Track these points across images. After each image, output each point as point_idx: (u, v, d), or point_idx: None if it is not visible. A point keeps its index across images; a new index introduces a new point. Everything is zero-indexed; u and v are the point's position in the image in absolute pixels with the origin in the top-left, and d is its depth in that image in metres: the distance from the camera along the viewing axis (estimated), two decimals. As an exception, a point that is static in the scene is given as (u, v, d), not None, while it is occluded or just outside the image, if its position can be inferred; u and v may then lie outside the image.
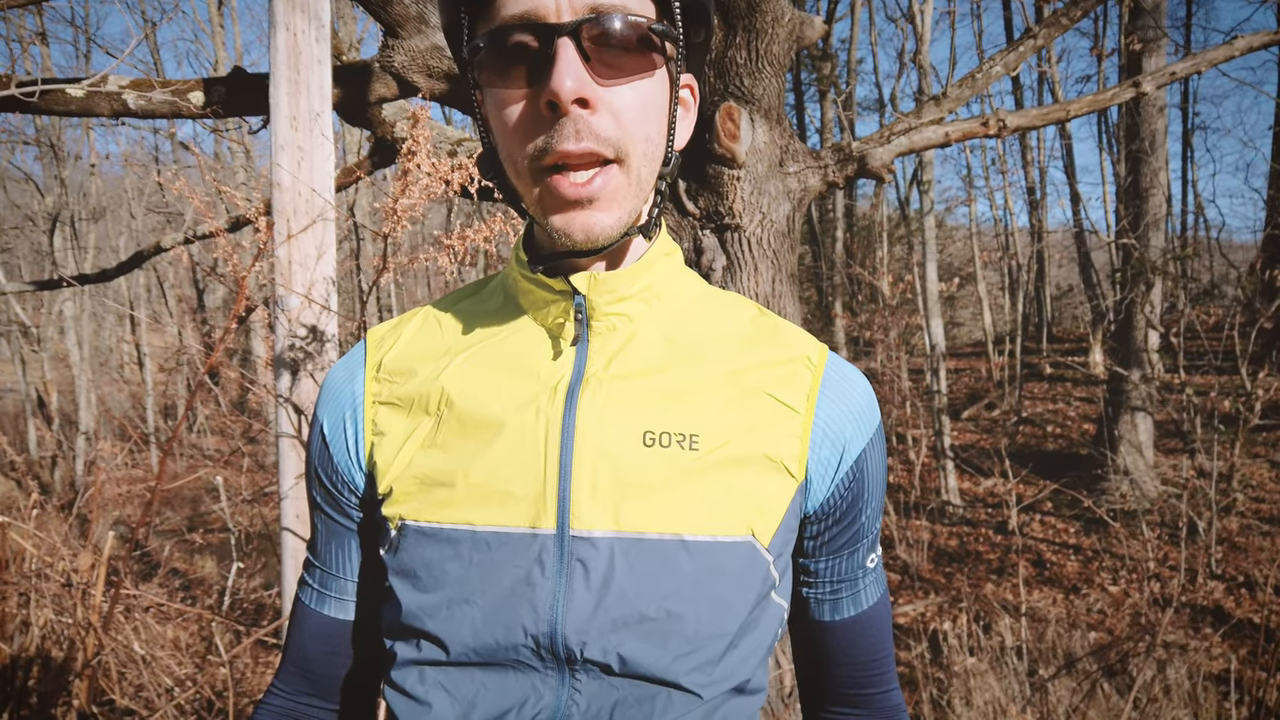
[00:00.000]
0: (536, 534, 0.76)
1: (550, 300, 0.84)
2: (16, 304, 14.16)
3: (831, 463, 0.84)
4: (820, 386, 0.85)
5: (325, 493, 0.91)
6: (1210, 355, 8.59)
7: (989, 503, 10.19)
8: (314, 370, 2.39)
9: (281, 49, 2.53)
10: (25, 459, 13.57)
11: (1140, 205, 9.33)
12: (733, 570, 0.78)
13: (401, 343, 0.90)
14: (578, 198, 0.73)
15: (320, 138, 2.56)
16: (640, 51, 0.74)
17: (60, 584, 3.03)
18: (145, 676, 3.11)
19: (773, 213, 3.15)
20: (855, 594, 0.92)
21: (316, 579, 0.94)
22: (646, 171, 0.78)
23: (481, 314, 0.90)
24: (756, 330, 0.88)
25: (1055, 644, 5.57)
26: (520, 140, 0.75)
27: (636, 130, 0.75)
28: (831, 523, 0.87)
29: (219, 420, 11.78)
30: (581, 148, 0.71)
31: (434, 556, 0.79)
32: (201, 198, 2.63)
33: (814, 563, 0.90)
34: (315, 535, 0.94)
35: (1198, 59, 3.17)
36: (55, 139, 13.51)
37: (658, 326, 0.85)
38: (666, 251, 0.88)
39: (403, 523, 0.81)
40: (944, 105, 3.36)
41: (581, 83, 0.70)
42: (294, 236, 2.45)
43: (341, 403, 0.89)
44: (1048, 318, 19.20)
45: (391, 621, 0.83)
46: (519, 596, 0.76)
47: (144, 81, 2.91)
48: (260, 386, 7.42)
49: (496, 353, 0.85)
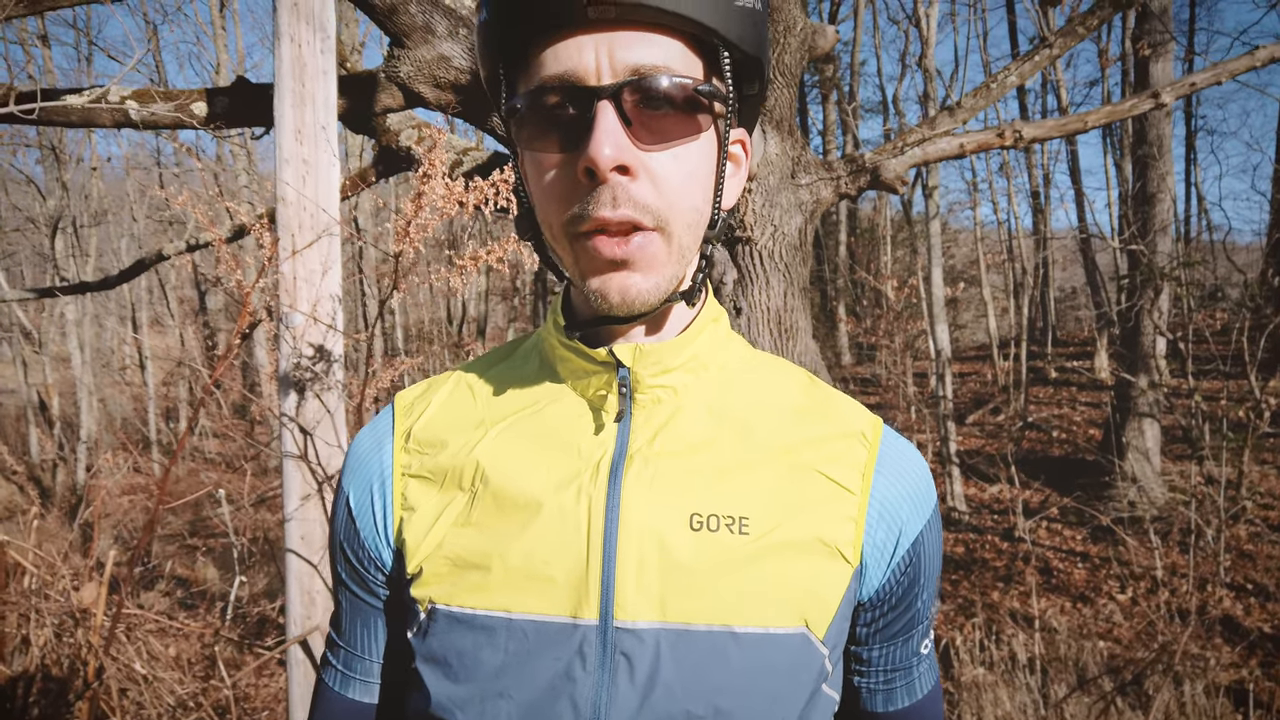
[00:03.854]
0: (578, 624, 0.71)
1: (591, 371, 0.79)
2: (18, 307, 14.12)
3: (888, 547, 0.79)
4: (876, 465, 0.79)
5: (351, 569, 0.86)
6: (1218, 361, 8.53)
7: (995, 509, 10.14)
8: (320, 391, 2.34)
9: (286, 60, 2.48)
10: (26, 463, 13.53)
11: (1148, 210, 9.28)
12: (785, 664, 0.73)
13: (431, 410, 0.85)
14: (613, 257, 0.69)
15: (326, 151, 2.51)
16: (686, 113, 0.69)
17: (61, 603, 2.99)
18: (146, 696, 3.06)
19: (784, 225, 3.11)
20: (910, 683, 0.88)
21: (340, 659, 0.89)
22: (689, 239, 0.73)
23: (516, 381, 0.85)
24: (808, 402, 0.83)
25: (1066, 656, 5.51)
26: (558, 206, 0.70)
27: (679, 200, 0.70)
28: (887, 609, 0.82)
29: (221, 424, 11.74)
30: (619, 215, 0.67)
31: (466, 645, 0.74)
32: (204, 211, 2.58)
33: (867, 650, 0.85)
34: (339, 612, 0.89)
35: (1218, 69, 3.12)
36: (57, 142, 13.49)
37: (704, 399, 0.80)
38: (713, 318, 0.83)
39: (433, 606, 0.76)
40: (958, 116, 3.31)
41: (621, 150, 0.66)
42: (299, 252, 2.40)
43: (369, 474, 0.84)
44: (1052, 321, 19.16)
45: (418, 711, 0.77)
46: (558, 692, 0.71)
47: (146, 92, 2.86)
48: (263, 402, 7.37)
49: (533, 425, 0.80)
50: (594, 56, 0.67)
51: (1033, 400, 14.49)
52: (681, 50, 0.69)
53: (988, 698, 4.48)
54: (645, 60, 0.67)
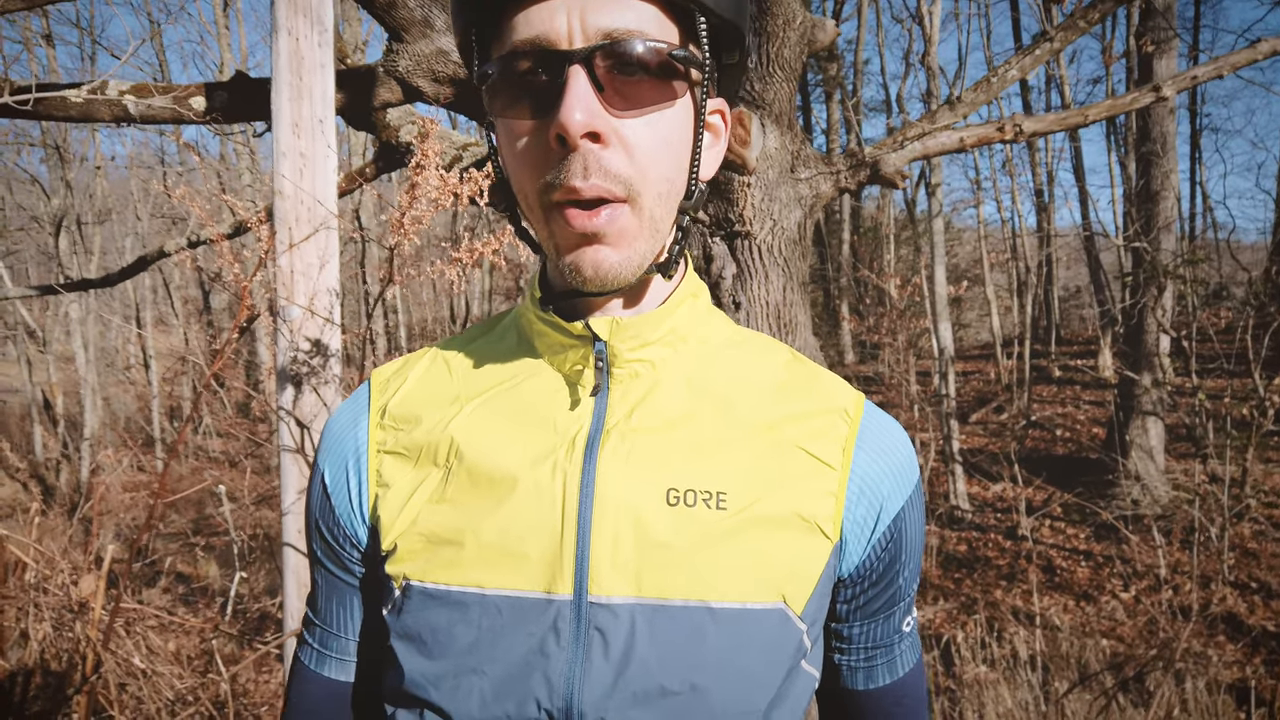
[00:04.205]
0: (552, 599, 0.71)
1: (568, 345, 0.78)
2: (22, 306, 14.16)
3: (868, 522, 0.78)
4: (857, 440, 0.79)
5: (326, 546, 0.85)
6: (1222, 359, 8.50)
7: (998, 507, 10.12)
8: (317, 385, 2.34)
9: (283, 53, 2.48)
10: (30, 462, 13.57)
11: (1151, 208, 9.26)
12: (763, 640, 0.72)
13: (408, 386, 0.84)
14: (584, 230, 0.68)
15: (323, 144, 2.51)
16: (660, 79, 0.68)
17: (60, 597, 2.99)
18: (145, 691, 3.06)
19: (784, 219, 3.10)
20: (891, 660, 0.87)
21: (316, 638, 0.88)
22: (661, 210, 0.72)
23: (493, 356, 0.83)
24: (790, 378, 0.82)
25: (1068, 653, 5.50)
26: (530, 173, 0.69)
27: (651, 169, 0.69)
28: (867, 585, 0.82)
29: (224, 423, 11.76)
30: (590, 184, 0.66)
31: (440, 621, 0.73)
32: (203, 206, 2.57)
33: (847, 628, 0.85)
34: (315, 591, 0.89)
35: (1220, 62, 3.10)
36: (61, 141, 13.51)
37: (683, 373, 0.79)
38: (693, 292, 0.82)
39: (407, 583, 0.75)
40: (958, 110, 3.30)
41: (592, 115, 0.65)
42: (296, 246, 2.40)
43: (344, 451, 0.84)
44: (1056, 320, 19.11)
45: (394, 688, 0.77)
46: (532, 667, 0.70)
47: (144, 87, 2.86)
48: (263, 396, 7.37)
49: (509, 400, 0.79)
50: (565, 20, 0.65)
51: (1036, 399, 14.46)
52: (656, 15, 0.68)
53: (989, 695, 4.47)
54: (618, 24, 0.66)
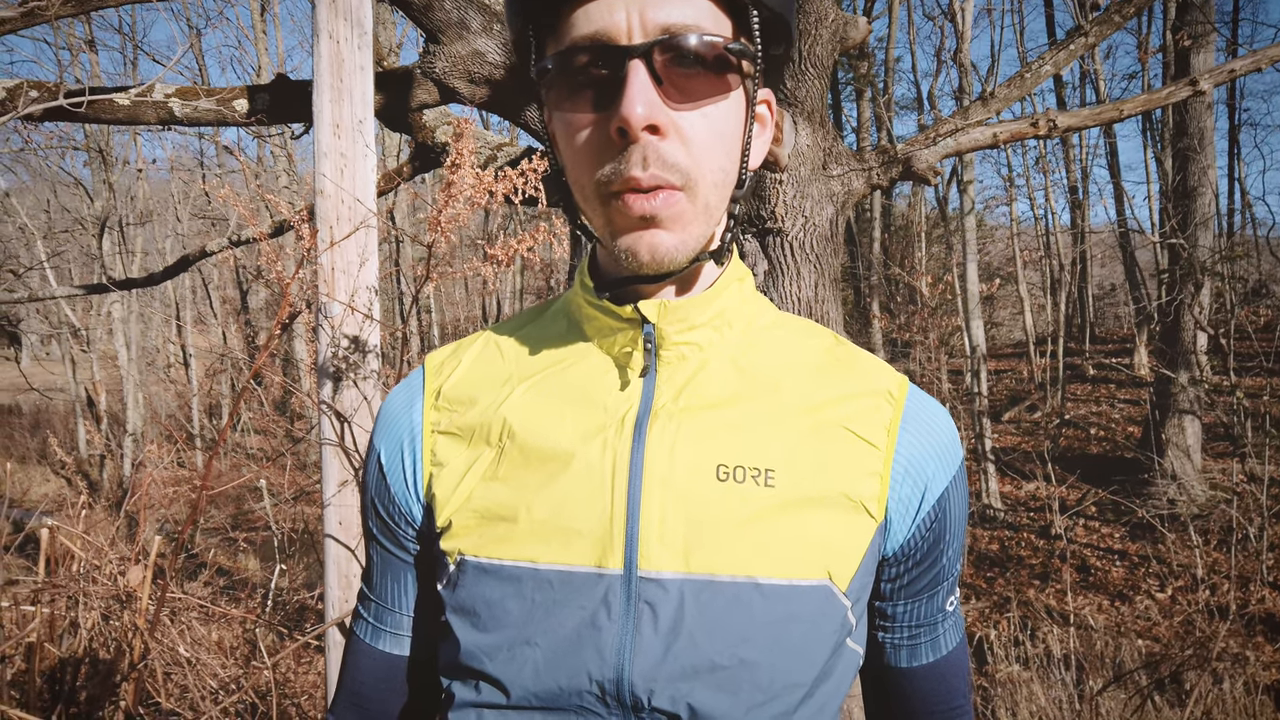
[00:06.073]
0: (602, 574, 0.73)
1: (617, 328, 0.80)
2: (66, 306, 14.48)
3: (913, 502, 0.80)
4: (901, 421, 0.81)
5: (381, 524, 0.88)
6: (1261, 357, 8.36)
7: (1031, 506, 10.03)
8: (357, 379, 2.40)
9: (325, 56, 2.54)
10: (75, 458, 13.87)
11: (1188, 204, 9.13)
12: (808, 616, 0.74)
13: (461, 369, 0.87)
14: (643, 213, 0.70)
15: (363, 145, 2.57)
16: (715, 73, 0.70)
17: (108, 587, 3.08)
18: (190, 679, 3.14)
19: (815, 216, 3.11)
20: (934, 639, 0.89)
21: (371, 613, 0.91)
22: (715, 199, 0.74)
23: (544, 340, 0.86)
24: (833, 360, 0.84)
25: (1103, 653, 5.45)
26: (589, 166, 0.72)
27: (707, 159, 0.71)
28: (911, 565, 0.84)
29: (262, 421, 11.95)
30: (649, 175, 0.68)
31: (494, 595, 0.76)
32: (245, 204, 2.64)
33: (891, 606, 0.87)
34: (370, 567, 0.91)
35: (1258, 56, 3.07)
36: (103, 144, 13.81)
37: (729, 355, 0.82)
38: (739, 276, 0.84)
39: (461, 558, 0.78)
40: (991, 106, 3.29)
41: (653, 108, 0.67)
42: (337, 243, 2.46)
43: (399, 431, 0.87)
44: (1090, 318, 18.85)
45: (449, 661, 0.79)
46: (584, 640, 0.73)
47: (189, 89, 2.94)
48: (303, 392, 7.49)
49: (560, 382, 0.82)
50: (625, 15, 0.67)
51: (1070, 397, 14.29)
52: (711, 9, 0.70)
53: (1022, 693, 4.45)
54: (676, 19, 0.68)
